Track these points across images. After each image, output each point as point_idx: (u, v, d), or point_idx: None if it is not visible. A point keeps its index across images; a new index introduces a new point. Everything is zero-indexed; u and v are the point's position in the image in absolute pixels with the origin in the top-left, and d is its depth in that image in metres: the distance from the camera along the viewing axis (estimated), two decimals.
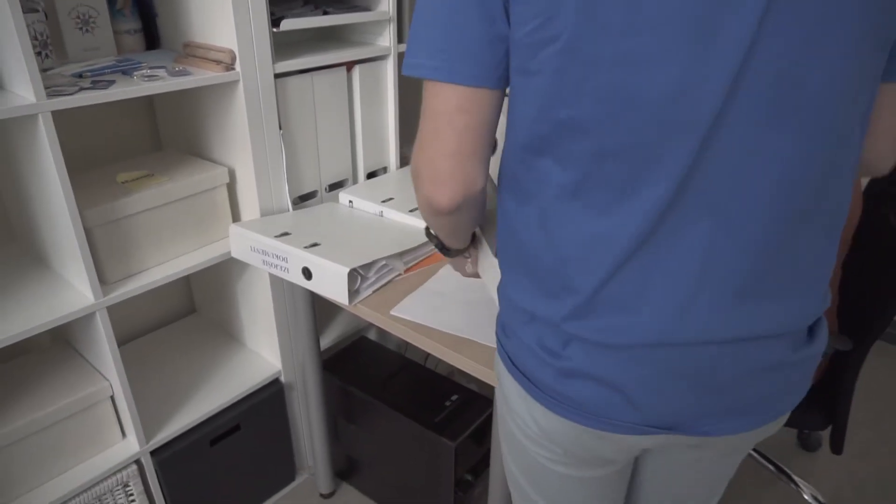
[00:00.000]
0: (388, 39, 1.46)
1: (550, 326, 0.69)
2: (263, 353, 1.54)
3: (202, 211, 1.30)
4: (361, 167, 1.55)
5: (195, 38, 1.24)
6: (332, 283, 1.12)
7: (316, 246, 1.18)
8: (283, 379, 1.53)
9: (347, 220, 1.35)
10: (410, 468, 1.46)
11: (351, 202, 1.43)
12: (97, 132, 1.36)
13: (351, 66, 1.43)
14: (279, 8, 1.29)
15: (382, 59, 1.48)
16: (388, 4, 1.41)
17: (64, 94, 0.99)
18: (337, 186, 1.51)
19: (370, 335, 1.84)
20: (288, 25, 1.24)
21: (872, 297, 1.24)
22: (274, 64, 1.24)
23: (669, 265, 0.61)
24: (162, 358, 1.53)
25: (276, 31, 1.22)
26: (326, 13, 1.34)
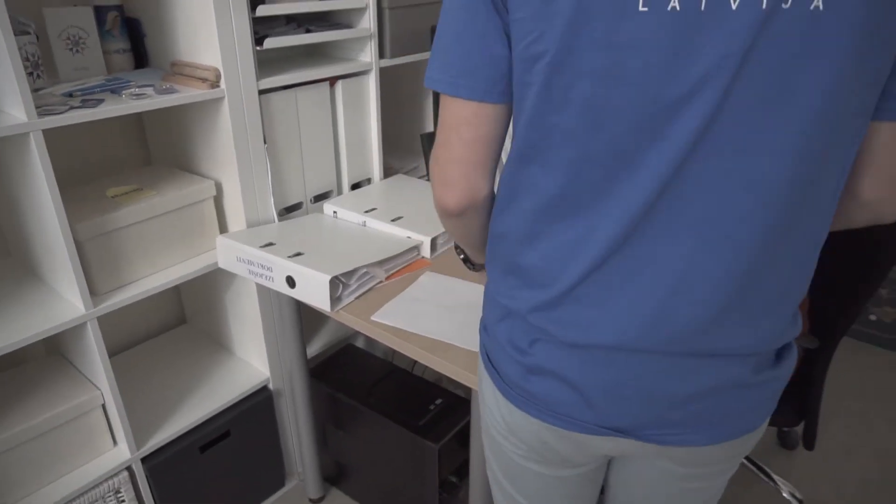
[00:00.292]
0: (369, 55, 1.51)
1: (520, 320, 0.73)
2: (252, 361, 1.58)
3: (190, 223, 1.34)
4: (346, 179, 1.60)
5: (182, 56, 1.29)
6: (314, 290, 1.16)
7: (299, 255, 1.22)
8: (271, 386, 1.56)
9: (331, 230, 1.40)
10: (396, 471, 1.50)
11: (335, 213, 1.48)
12: (88, 148, 1.40)
13: (334, 81, 1.48)
14: (263, 27, 1.34)
15: (364, 74, 1.53)
16: (369, 22, 1.47)
17: (54, 112, 1.03)
18: (322, 198, 1.56)
19: (358, 343, 1.88)
20: (271, 44, 1.29)
21: (837, 296, 1.29)
22: (258, 81, 1.29)
23: (643, 275, 0.65)
24: (153, 367, 1.57)
25: (259, 49, 1.27)
26: (309, 31, 1.39)
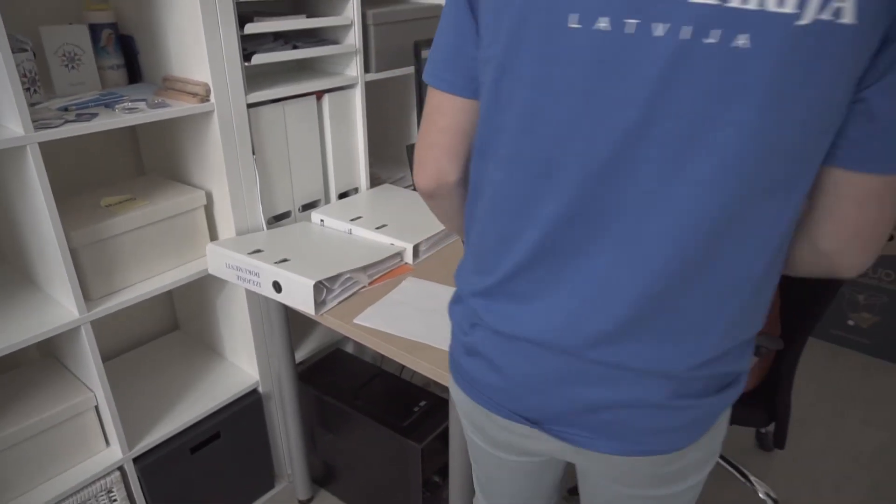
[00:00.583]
0: (355, 70, 1.57)
1: (465, 303, 0.80)
2: (242, 364, 1.63)
3: (181, 231, 1.39)
4: (333, 188, 1.65)
5: (174, 72, 1.35)
6: (299, 294, 1.22)
7: (286, 261, 1.27)
8: (260, 389, 1.61)
9: (318, 237, 1.45)
10: (382, 472, 1.54)
11: (322, 221, 1.53)
12: (83, 160, 1.46)
13: (321, 94, 1.53)
14: (251, 43, 1.40)
15: (350, 87, 1.59)
16: (354, 38, 1.53)
17: (50, 126, 1.09)
18: (310, 207, 1.61)
19: (347, 348, 1.93)
20: (259, 60, 1.35)
21: (802, 298, 1.34)
22: (246, 95, 1.35)
23: (567, 280, 0.69)
24: (145, 371, 1.61)
25: (248, 65, 1.33)
26: (296, 47, 1.45)
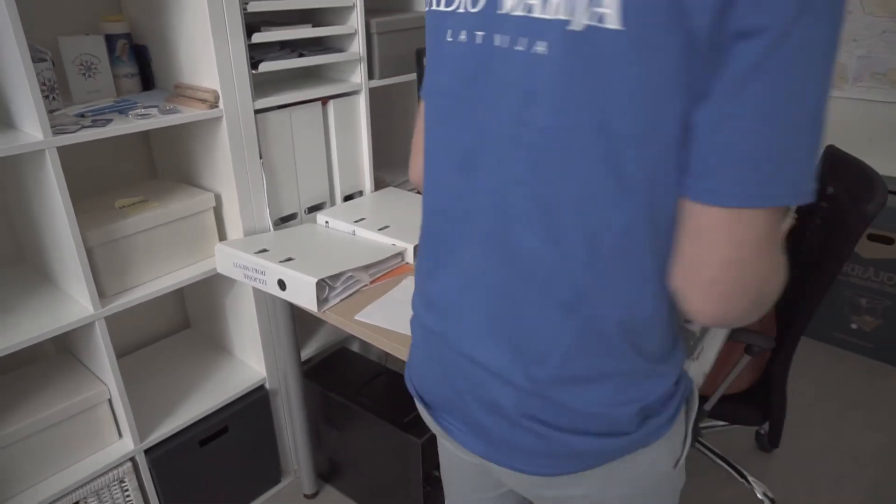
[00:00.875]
0: (359, 77, 1.62)
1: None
2: (250, 361, 1.68)
3: (191, 232, 1.45)
4: (338, 191, 1.70)
5: (184, 79, 1.41)
6: (302, 292, 1.27)
7: (290, 260, 1.33)
8: (267, 385, 1.66)
9: (322, 238, 1.50)
10: (384, 467, 1.59)
11: (327, 222, 1.58)
12: (99, 163, 1.52)
13: (326, 101, 1.59)
14: (259, 52, 1.46)
15: (355, 94, 1.64)
16: (358, 46, 1.58)
17: (68, 131, 1.15)
18: (316, 209, 1.66)
19: (353, 347, 1.98)
20: (266, 68, 1.41)
21: (795, 298, 1.37)
22: (254, 101, 1.40)
23: (451, 276, 0.74)
24: (157, 367, 1.67)
25: (255, 72, 1.39)
26: (302, 55, 1.51)
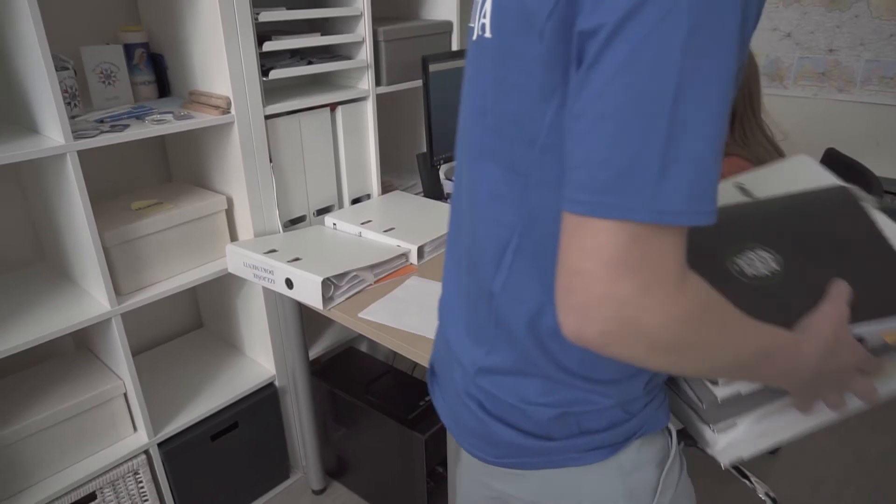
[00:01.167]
0: (366, 83, 1.67)
1: None
2: (259, 359, 1.73)
3: (204, 233, 1.51)
4: (346, 194, 1.75)
5: (198, 86, 1.47)
6: (308, 290, 1.31)
7: (298, 260, 1.37)
8: (276, 383, 1.71)
9: (330, 239, 1.55)
10: (389, 463, 1.63)
11: (335, 224, 1.63)
12: (116, 167, 1.58)
13: (334, 106, 1.64)
14: (269, 60, 1.51)
15: (362, 100, 1.69)
16: (366, 53, 1.63)
17: (87, 136, 1.21)
18: (324, 211, 1.71)
19: (361, 347, 2.02)
20: (276, 75, 1.46)
21: None
22: (264, 107, 1.46)
23: (449, 265, 0.78)
24: (171, 364, 1.73)
25: (266, 80, 1.44)
26: (311, 63, 1.56)
